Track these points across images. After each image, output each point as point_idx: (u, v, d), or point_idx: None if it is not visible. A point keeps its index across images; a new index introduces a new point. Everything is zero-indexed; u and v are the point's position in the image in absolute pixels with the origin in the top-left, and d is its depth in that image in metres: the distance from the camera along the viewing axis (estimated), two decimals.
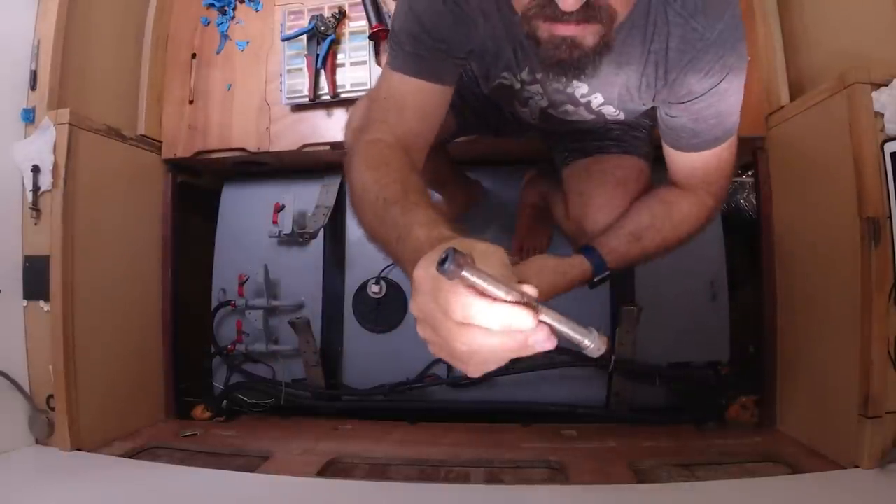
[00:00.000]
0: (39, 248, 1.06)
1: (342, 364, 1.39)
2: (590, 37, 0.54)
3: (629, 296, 1.26)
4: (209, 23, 1.38)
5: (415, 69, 0.70)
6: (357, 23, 1.28)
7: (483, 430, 1.18)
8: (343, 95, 1.26)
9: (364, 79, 1.26)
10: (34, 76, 1.10)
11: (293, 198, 1.38)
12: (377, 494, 0.91)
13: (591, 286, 0.80)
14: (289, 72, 1.28)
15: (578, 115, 0.82)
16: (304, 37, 1.27)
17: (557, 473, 0.97)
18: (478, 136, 1.12)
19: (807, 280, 1.07)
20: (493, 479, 0.95)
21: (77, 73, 1.16)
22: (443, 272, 0.32)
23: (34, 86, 1.10)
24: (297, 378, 1.37)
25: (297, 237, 1.36)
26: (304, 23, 1.27)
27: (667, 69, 0.67)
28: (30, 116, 1.09)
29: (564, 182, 0.97)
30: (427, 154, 0.74)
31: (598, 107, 0.78)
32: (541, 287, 0.77)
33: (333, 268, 1.42)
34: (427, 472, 0.98)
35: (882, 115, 0.87)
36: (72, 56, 1.14)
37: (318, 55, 1.25)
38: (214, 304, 1.40)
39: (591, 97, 0.76)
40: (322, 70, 1.26)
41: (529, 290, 0.33)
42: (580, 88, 0.76)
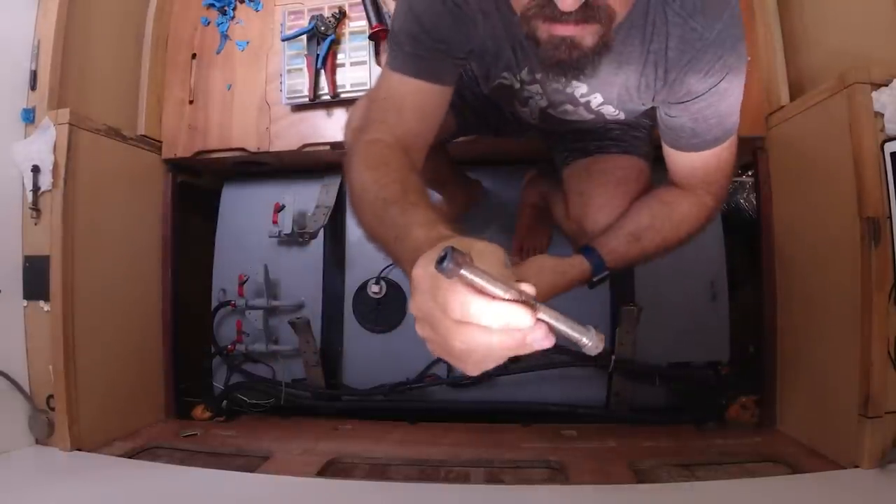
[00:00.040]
0: (39, 248, 1.06)
1: (342, 364, 1.39)
2: (589, 37, 0.54)
3: (629, 296, 1.26)
4: (209, 23, 1.38)
5: (414, 69, 0.70)
6: (357, 23, 1.28)
7: (483, 430, 1.18)
8: (343, 95, 1.26)
9: (364, 79, 1.26)
10: (34, 76, 1.10)
11: (293, 198, 1.38)
12: (377, 494, 0.91)
13: (591, 286, 0.81)
14: (289, 72, 1.28)
15: (578, 115, 0.82)
16: (304, 37, 1.27)
17: (557, 473, 0.96)
18: (478, 136, 1.12)
19: (807, 280, 1.07)
20: (493, 479, 0.95)
21: (77, 73, 1.16)
22: (441, 271, 0.32)
23: (34, 86, 1.10)
24: (297, 378, 1.37)
25: (297, 237, 1.36)
26: (304, 23, 1.27)
27: (666, 69, 0.67)
28: (30, 116, 1.09)
29: (564, 182, 0.97)
30: (427, 154, 0.74)
31: (598, 107, 0.78)
32: (540, 287, 0.77)
33: (333, 268, 1.42)
34: (427, 472, 0.98)
35: (882, 115, 0.87)
36: (72, 56, 1.14)
37: (318, 55, 1.25)
38: (214, 304, 1.40)
39: (591, 97, 0.76)
40: (322, 70, 1.26)
41: (527, 289, 0.34)
42: (579, 88, 0.76)
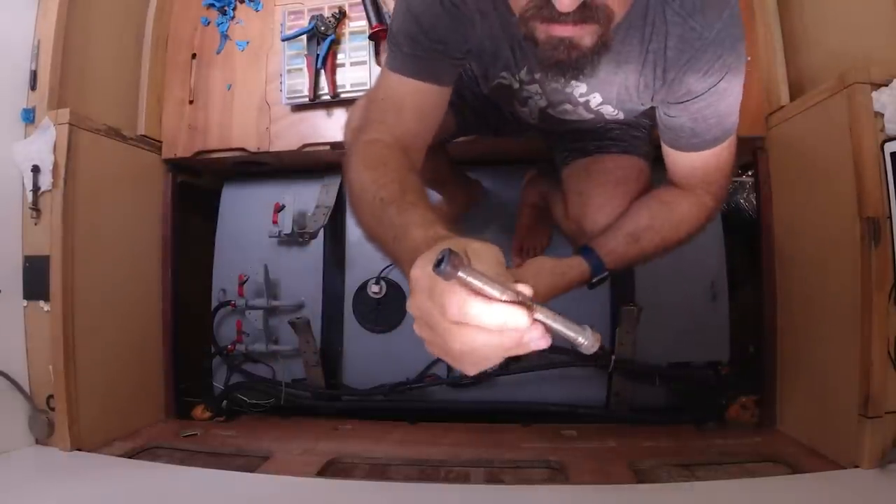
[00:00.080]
0: (39, 248, 1.06)
1: (342, 364, 1.39)
2: (587, 37, 0.54)
3: (629, 296, 1.26)
4: (209, 23, 1.38)
5: (413, 70, 0.70)
6: (357, 23, 1.28)
7: (483, 430, 1.18)
8: (343, 95, 1.26)
9: (364, 79, 1.26)
10: (34, 76, 1.10)
11: (293, 198, 1.38)
12: (377, 494, 0.91)
13: (590, 287, 0.81)
14: (289, 72, 1.28)
15: (577, 115, 0.82)
16: (304, 37, 1.27)
17: (557, 473, 0.97)
18: (477, 136, 1.12)
19: (807, 280, 1.06)
20: (493, 479, 0.95)
21: (77, 73, 1.17)
22: (439, 273, 0.32)
23: (34, 86, 1.10)
24: (297, 378, 1.37)
25: (297, 237, 1.36)
26: (304, 23, 1.27)
27: (665, 69, 0.67)
28: (30, 116, 1.09)
29: (564, 182, 0.97)
30: (427, 154, 0.74)
31: (597, 106, 0.78)
32: (539, 288, 0.77)
33: (333, 268, 1.42)
34: (427, 472, 0.98)
35: (882, 115, 0.87)
36: (72, 56, 1.14)
37: (318, 55, 1.25)
38: (214, 304, 1.40)
39: (590, 97, 0.76)
40: (322, 70, 1.26)
41: (524, 290, 0.34)
42: (578, 88, 0.75)
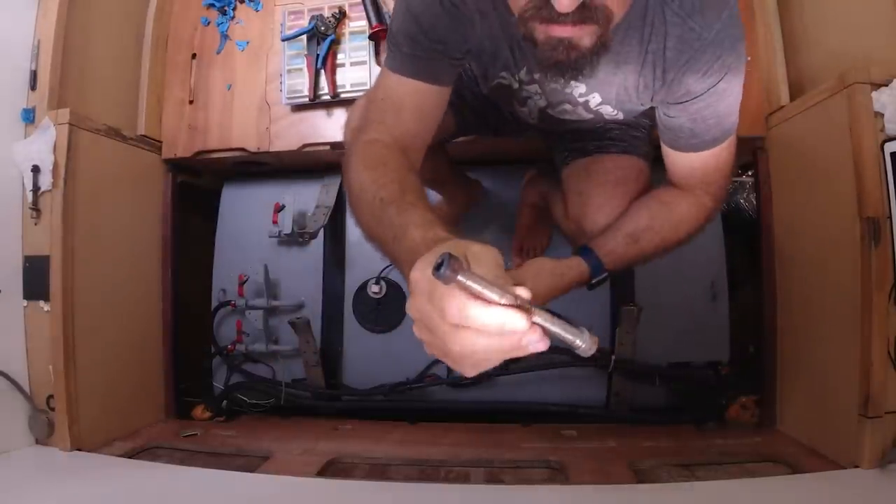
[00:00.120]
0: (39, 248, 1.06)
1: (342, 364, 1.39)
2: (586, 38, 0.54)
3: (629, 296, 1.26)
4: (209, 23, 1.38)
5: (412, 70, 0.70)
6: (357, 23, 1.28)
7: (483, 430, 1.18)
8: (343, 95, 1.26)
9: (364, 79, 1.26)
10: (34, 76, 1.10)
11: (293, 198, 1.38)
12: (377, 494, 0.91)
13: (590, 288, 0.81)
14: (289, 72, 1.28)
15: (577, 115, 0.82)
16: (304, 37, 1.27)
17: (557, 473, 0.96)
18: (477, 136, 1.12)
19: (807, 280, 1.06)
20: (493, 479, 0.95)
21: (77, 73, 1.16)
22: (439, 277, 0.32)
23: (34, 86, 1.10)
24: (297, 378, 1.37)
25: (297, 237, 1.36)
26: (304, 23, 1.27)
27: (664, 69, 0.67)
28: (30, 116, 1.09)
29: (564, 182, 0.97)
30: (426, 154, 0.74)
31: (596, 106, 0.78)
32: (539, 289, 0.78)
33: (333, 268, 1.42)
34: (427, 472, 0.98)
35: (882, 115, 0.87)
36: (72, 56, 1.14)
37: (318, 55, 1.25)
38: (214, 304, 1.40)
39: (589, 97, 0.76)
40: (322, 70, 1.26)
41: (523, 293, 0.34)
42: (578, 88, 0.76)
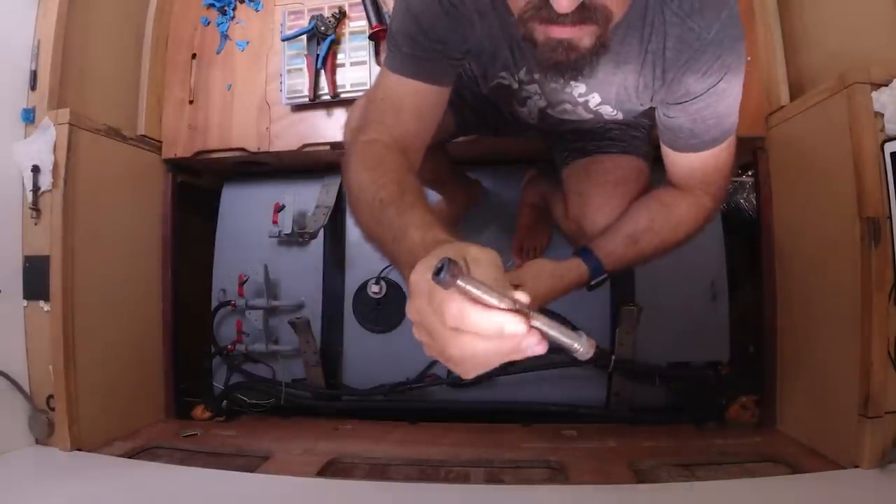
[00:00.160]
0: (39, 248, 1.06)
1: (342, 364, 1.39)
2: (586, 38, 0.54)
3: (629, 296, 1.26)
4: (209, 23, 1.38)
5: (412, 70, 0.70)
6: (357, 23, 1.28)
7: (483, 430, 1.18)
8: (343, 95, 1.26)
9: (364, 79, 1.26)
10: (34, 76, 1.10)
11: (293, 198, 1.38)
12: (377, 494, 0.91)
13: (589, 289, 0.81)
14: (289, 72, 1.28)
15: (577, 115, 0.82)
16: (304, 37, 1.27)
17: (557, 473, 0.97)
18: (478, 136, 1.12)
19: (807, 280, 1.06)
20: (493, 479, 0.95)
21: (77, 73, 1.16)
22: (438, 282, 0.32)
23: (34, 86, 1.10)
24: (297, 378, 1.37)
25: (297, 237, 1.36)
26: (304, 23, 1.27)
27: (664, 69, 0.67)
28: (30, 116, 1.09)
29: (564, 182, 0.97)
30: (427, 154, 0.74)
31: (596, 106, 0.78)
32: (538, 291, 0.78)
33: (333, 268, 1.42)
34: (427, 472, 0.98)
35: (882, 115, 0.87)
36: (72, 56, 1.14)
37: (318, 55, 1.25)
38: (214, 304, 1.40)
39: (589, 97, 0.76)
40: (322, 70, 1.26)
41: (521, 297, 0.34)
42: (577, 88, 0.75)
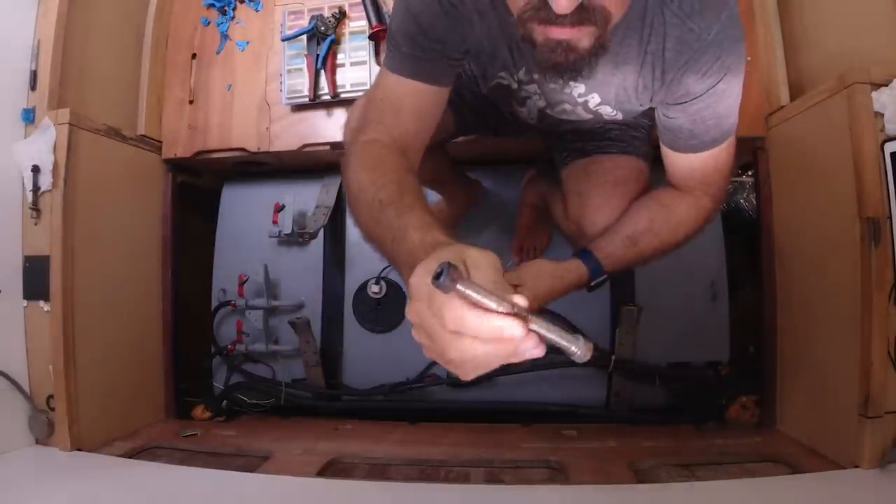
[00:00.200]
0: (39, 248, 1.06)
1: (342, 364, 1.39)
2: (585, 39, 0.54)
3: (629, 296, 1.26)
4: (209, 23, 1.38)
5: (411, 70, 0.70)
6: (357, 23, 1.28)
7: (483, 430, 1.18)
8: (343, 95, 1.26)
9: (364, 79, 1.26)
10: (34, 76, 1.10)
11: (293, 198, 1.38)
12: (377, 494, 0.91)
13: (589, 290, 0.81)
14: (289, 72, 1.28)
15: (576, 115, 0.82)
16: (304, 37, 1.27)
17: (557, 473, 0.97)
18: (478, 136, 1.12)
19: (806, 280, 1.06)
20: (493, 479, 0.95)
21: (77, 73, 1.16)
22: (438, 286, 0.33)
23: (34, 86, 1.10)
24: (297, 378, 1.37)
25: (297, 237, 1.36)
26: (304, 23, 1.27)
27: (664, 70, 0.67)
28: (30, 116, 1.09)
29: (563, 182, 0.97)
30: (426, 154, 0.74)
31: (595, 107, 0.78)
32: (538, 291, 0.78)
33: (333, 268, 1.42)
34: (427, 472, 0.98)
35: (882, 115, 0.87)
36: (72, 56, 1.14)
37: (318, 55, 1.25)
38: (214, 304, 1.40)
39: (588, 97, 0.76)
40: (322, 70, 1.26)
41: (520, 301, 0.35)
42: (577, 88, 0.76)
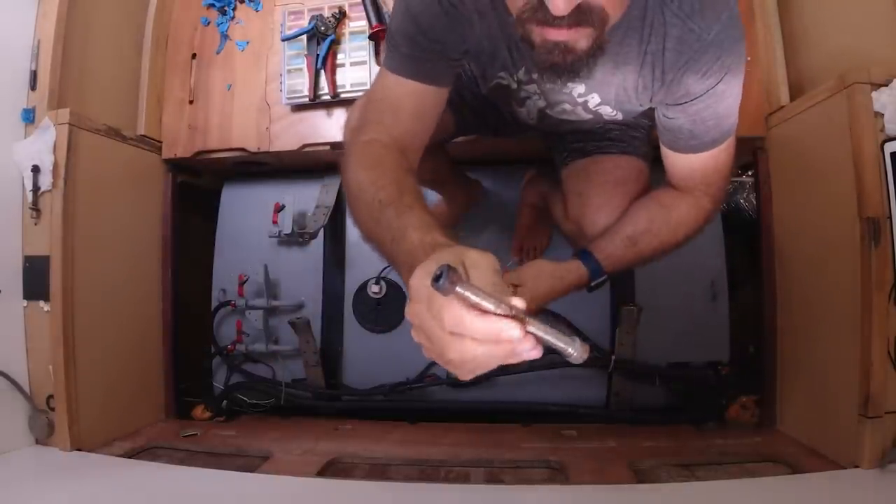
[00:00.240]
0: (39, 248, 1.06)
1: (342, 364, 1.39)
2: (582, 40, 0.54)
3: (629, 296, 1.26)
4: (209, 23, 1.38)
5: (410, 71, 0.70)
6: (357, 23, 1.27)
7: (483, 430, 1.18)
8: (343, 95, 1.26)
9: (364, 79, 1.25)
10: (34, 76, 1.10)
11: (293, 198, 1.38)
12: (377, 494, 0.91)
13: (589, 290, 0.81)
14: (289, 72, 1.28)
15: (576, 115, 0.82)
16: (304, 37, 1.27)
17: (557, 473, 0.97)
18: (478, 136, 1.12)
19: (807, 280, 1.06)
20: (493, 479, 0.95)
21: (77, 73, 1.16)
22: (437, 288, 0.33)
23: (34, 86, 1.10)
24: (297, 378, 1.37)
25: (297, 237, 1.36)
26: (304, 23, 1.27)
27: (664, 70, 0.67)
28: (30, 116, 1.09)
29: (563, 182, 0.97)
30: (426, 154, 0.74)
31: (595, 107, 0.78)
32: (538, 291, 0.78)
33: (333, 268, 1.42)
34: (427, 472, 0.98)
35: (882, 115, 0.87)
36: (72, 56, 1.14)
37: (318, 55, 1.25)
38: (214, 304, 1.40)
39: (588, 97, 0.76)
40: (322, 70, 1.26)
41: (518, 303, 0.35)
42: (577, 88, 0.76)
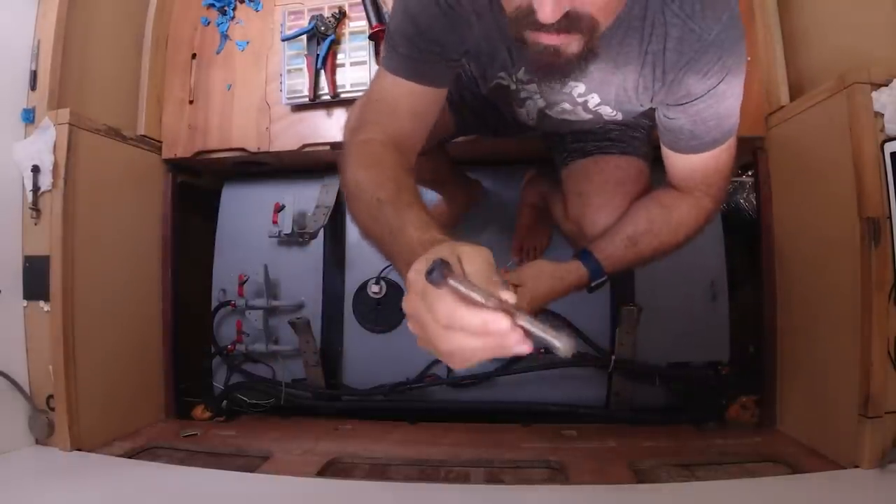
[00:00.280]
0: (39, 248, 1.06)
1: (342, 364, 1.39)
2: (573, 44, 0.55)
3: (629, 296, 1.26)
4: (209, 23, 1.38)
5: (409, 72, 0.70)
6: (357, 23, 1.27)
7: (483, 430, 1.18)
8: (343, 95, 1.26)
9: (364, 79, 1.25)
10: (34, 76, 1.10)
11: (293, 198, 1.38)
12: (377, 494, 0.91)
13: (590, 291, 0.81)
14: (289, 72, 1.28)
15: (576, 115, 0.82)
16: (304, 37, 1.27)
17: (557, 473, 0.97)
18: (478, 137, 1.12)
19: (806, 280, 1.06)
20: (493, 479, 0.95)
21: (77, 73, 1.16)
22: (430, 281, 0.35)
23: (34, 86, 1.10)
24: (297, 378, 1.37)
25: (297, 237, 1.36)
26: (304, 23, 1.27)
27: (664, 70, 0.67)
28: (30, 116, 1.09)
29: (563, 182, 0.97)
30: (427, 154, 0.74)
31: (595, 107, 0.78)
32: (538, 291, 0.78)
33: (333, 268, 1.42)
34: (427, 472, 0.98)
35: (882, 115, 0.87)
36: (72, 56, 1.14)
37: (318, 55, 1.25)
38: (214, 304, 1.40)
39: (588, 97, 0.76)
40: (322, 70, 1.26)
41: (508, 297, 0.36)
42: (577, 88, 0.75)
